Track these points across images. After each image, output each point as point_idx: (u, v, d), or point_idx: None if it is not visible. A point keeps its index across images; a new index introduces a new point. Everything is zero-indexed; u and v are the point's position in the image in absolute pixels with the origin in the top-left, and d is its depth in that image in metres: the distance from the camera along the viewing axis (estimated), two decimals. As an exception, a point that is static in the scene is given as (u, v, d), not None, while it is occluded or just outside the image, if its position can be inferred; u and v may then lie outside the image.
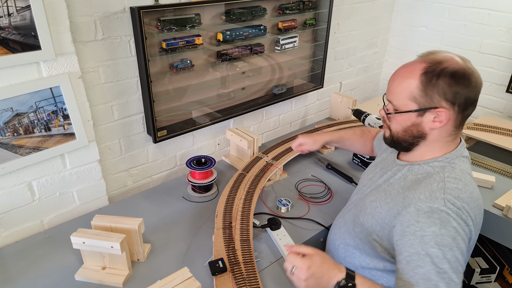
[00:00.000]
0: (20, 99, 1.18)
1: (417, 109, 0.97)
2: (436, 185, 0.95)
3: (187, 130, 1.71)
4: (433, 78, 0.93)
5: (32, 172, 1.31)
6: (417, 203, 0.94)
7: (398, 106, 1.00)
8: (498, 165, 1.77)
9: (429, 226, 0.90)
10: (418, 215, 0.92)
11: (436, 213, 0.90)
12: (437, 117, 0.96)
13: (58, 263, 1.22)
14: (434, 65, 0.94)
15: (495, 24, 2.19)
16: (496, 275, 1.78)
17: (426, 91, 0.94)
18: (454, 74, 0.92)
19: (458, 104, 0.94)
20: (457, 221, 0.90)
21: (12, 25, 1.09)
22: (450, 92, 0.92)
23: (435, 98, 0.94)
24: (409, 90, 0.96)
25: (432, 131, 0.99)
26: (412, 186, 0.99)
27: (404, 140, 1.04)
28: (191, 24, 1.53)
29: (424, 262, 0.88)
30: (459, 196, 0.93)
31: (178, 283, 0.93)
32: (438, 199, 0.92)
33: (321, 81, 2.22)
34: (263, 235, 1.35)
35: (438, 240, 0.88)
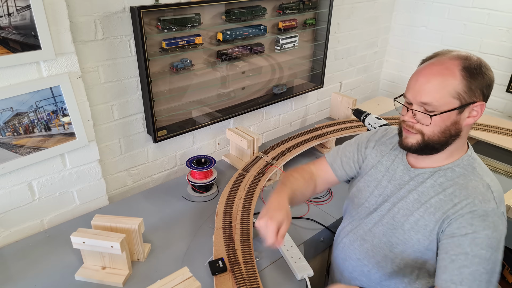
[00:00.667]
0: (20, 98, 1.18)
1: (460, 106, 0.93)
2: (482, 187, 0.96)
3: (187, 130, 1.71)
4: (473, 72, 0.92)
5: (32, 172, 1.31)
6: (472, 208, 0.93)
7: (438, 106, 0.93)
8: (498, 165, 1.77)
9: (483, 229, 0.90)
10: (472, 219, 0.92)
11: (491, 216, 0.91)
12: (472, 112, 0.95)
13: (58, 263, 1.22)
14: (466, 60, 0.93)
15: (495, 24, 2.19)
16: (496, 275, 1.78)
17: (470, 87, 0.92)
18: (487, 67, 0.94)
19: (487, 96, 0.95)
20: (503, 223, 0.93)
21: (12, 24, 1.09)
22: (486, 84, 0.93)
23: (477, 92, 0.93)
24: (452, 87, 0.92)
25: (465, 127, 0.98)
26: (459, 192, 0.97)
27: (438, 142, 0.98)
28: (191, 23, 1.53)
29: (472, 263, 0.89)
30: (499, 190, 0.97)
31: (178, 283, 0.93)
32: (490, 201, 0.93)
33: (321, 80, 2.22)
34: (263, 235, 1.35)
35: (489, 242, 0.89)
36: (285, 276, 1.18)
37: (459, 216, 0.94)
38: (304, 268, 1.18)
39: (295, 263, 1.20)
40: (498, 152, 1.87)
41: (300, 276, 1.16)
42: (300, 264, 1.19)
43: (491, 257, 0.89)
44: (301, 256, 1.23)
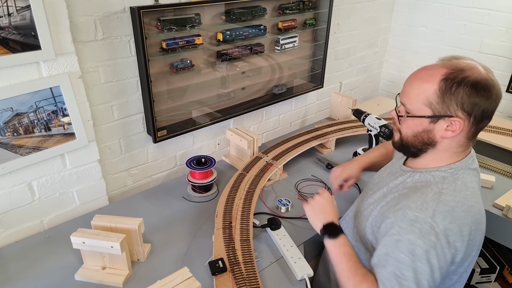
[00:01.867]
0: (20, 99, 1.18)
1: (430, 116, 0.93)
2: (431, 196, 0.92)
3: (187, 130, 1.71)
4: (453, 85, 0.88)
5: (32, 172, 1.31)
6: (406, 210, 0.92)
7: (411, 110, 0.96)
8: (498, 165, 1.77)
9: (407, 233, 0.89)
10: (402, 221, 0.91)
11: (419, 223, 0.88)
12: (450, 126, 0.92)
13: (58, 263, 1.22)
14: (456, 72, 0.89)
15: (495, 24, 2.19)
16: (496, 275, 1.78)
17: (444, 99, 0.90)
18: (476, 84, 0.87)
19: (474, 115, 0.89)
20: (438, 237, 0.87)
21: (12, 25, 1.09)
22: (469, 102, 0.88)
23: (452, 106, 0.89)
24: (425, 94, 0.92)
25: (443, 139, 0.95)
26: (408, 193, 0.97)
27: (413, 145, 1.00)
28: (191, 24, 1.53)
29: (390, 264, 0.90)
30: (454, 209, 0.90)
31: (178, 283, 0.93)
32: (428, 210, 0.89)
33: (321, 81, 2.22)
34: (263, 235, 1.35)
35: (411, 248, 0.87)
36: (285, 276, 1.18)
37: (392, 215, 0.94)
38: (304, 268, 1.18)
39: (295, 263, 1.20)
40: (498, 152, 1.87)
41: (300, 276, 1.16)
42: (300, 264, 1.19)
43: (412, 265, 0.86)
44: (301, 256, 1.23)
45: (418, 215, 0.89)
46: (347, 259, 1.01)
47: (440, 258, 0.87)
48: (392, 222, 0.93)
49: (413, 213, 0.90)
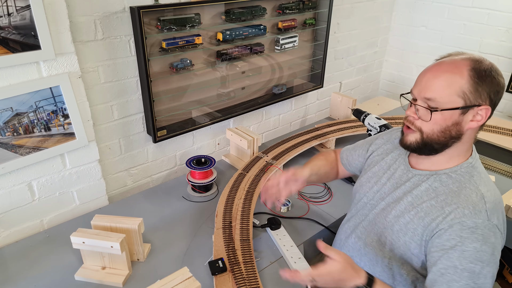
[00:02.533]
0: (20, 99, 1.18)
1: (463, 106, 0.91)
2: (475, 196, 0.93)
3: (187, 129, 1.71)
4: (483, 76, 0.90)
5: (32, 172, 1.31)
6: (461, 219, 0.90)
7: (441, 103, 0.92)
8: (498, 165, 1.77)
9: (471, 242, 0.88)
10: (461, 231, 0.90)
11: (480, 229, 0.88)
12: (476, 115, 0.92)
13: (58, 263, 1.22)
14: (478, 62, 0.91)
15: (495, 24, 2.19)
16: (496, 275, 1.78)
17: (477, 88, 0.90)
18: (497, 72, 0.91)
19: (495, 102, 0.93)
20: (495, 235, 0.89)
21: (12, 25, 1.09)
22: (494, 90, 0.91)
23: (484, 95, 0.90)
24: (459, 85, 0.90)
25: (467, 131, 0.95)
26: (449, 199, 0.95)
27: (437, 142, 0.96)
28: (191, 23, 1.53)
29: (461, 277, 0.87)
30: (495, 202, 0.93)
31: (178, 283, 0.93)
32: (481, 213, 0.90)
33: (321, 80, 2.22)
34: (263, 235, 1.35)
35: (478, 256, 0.87)
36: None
37: (448, 227, 0.91)
38: (304, 268, 1.18)
39: (295, 263, 1.20)
40: (498, 152, 1.87)
41: (300, 276, 1.16)
42: (300, 264, 1.19)
43: (482, 271, 0.86)
44: (301, 256, 1.23)
45: (477, 221, 0.89)
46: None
47: (499, 253, 0.91)
48: (450, 233, 0.91)
49: (471, 220, 0.90)
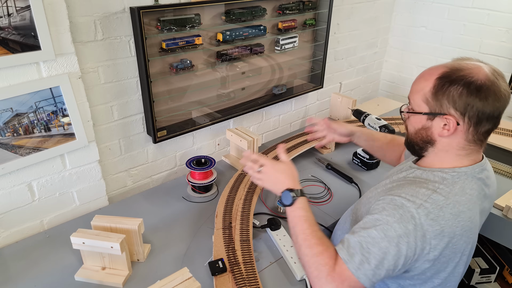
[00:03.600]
0: (20, 99, 1.18)
1: (427, 112, 0.96)
2: (424, 191, 0.92)
3: (187, 130, 1.71)
4: (445, 84, 0.91)
5: (32, 172, 1.31)
6: (395, 196, 0.93)
7: (413, 106, 1.00)
8: (498, 165, 1.77)
9: (388, 215, 0.91)
10: (388, 204, 0.93)
11: (403, 209, 0.90)
12: (446, 125, 0.93)
13: (58, 263, 1.22)
14: (453, 71, 0.92)
15: (495, 25, 2.19)
16: (496, 275, 1.78)
17: (437, 96, 0.93)
18: (469, 84, 0.88)
19: (469, 116, 0.90)
20: (416, 228, 0.88)
21: (12, 25, 1.09)
22: (461, 102, 0.89)
23: (444, 104, 0.92)
24: (424, 91, 0.95)
25: (441, 138, 0.96)
26: (404, 184, 0.98)
27: (415, 143, 1.02)
28: (191, 24, 1.53)
29: (360, 235, 0.92)
30: (442, 209, 0.90)
31: (178, 283, 0.93)
32: (415, 202, 0.90)
33: (321, 81, 2.22)
34: (263, 236, 1.35)
35: (385, 228, 0.90)
36: (285, 277, 1.18)
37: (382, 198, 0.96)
38: (304, 268, 1.18)
39: (295, 264, 1.20)
40: (498, 152, 1.87)
41: (300, 276, 1.16)
42: (300, 265, 1.19)
43: (380, 242, 0.89)
44: (301, 257, 1.23)
45: (405, 203, 0.91)
46: (303, 222, 1.04)
47: (410, 247, 0.89)
48: (380, 203, 0.96)
49: (401, 200, 0.92)
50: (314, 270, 0.96)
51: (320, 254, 0.96)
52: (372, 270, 0.89)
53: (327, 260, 0.95)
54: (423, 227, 0.88)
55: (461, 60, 0.96)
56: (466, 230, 0.93)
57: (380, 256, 0.89)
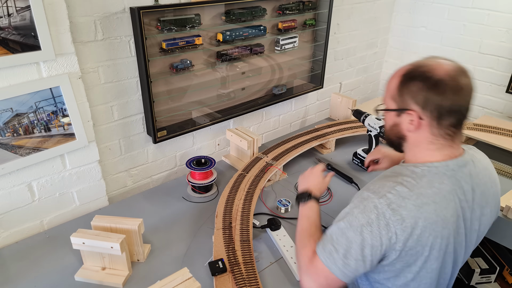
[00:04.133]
0: (20, 99, 1.18)
1: (393, 109, 1.02)
2: (390, 184, 0.95)
3: (187, 130, 1.71)
4: (407, 80, 0.97)
5: (32, 173, 1.31)
6: (364, 190, 0.99)
7: (386, 104, 1.06)
8: (498, 165, 1.77)
9: (354, 207, 0.97)
10: (357, 197, 0.99)
11: (367, 201, 0.95)
12: (413, 120, 0.97)
13: (58, 264, 1.22)
14: (415, 68, 0.97)
15: (495, 25, 2.19)
16: (496, 276, 1.78)
17: (401, 92, 0.98)
18: (428, 79, 0.93)
19: (430, 110, 0.94)
20: (378, 218, 0.92)
21: (12, 25, 1.09)
22: (420, 96, 0.94)
23: (407, 100, 0.97)
24: (391, 89, 1.01)
25: (410, 134, 1.01)
26: (378, 179, 1.01)
27: (391, 139, 1.09)
28: (191, 24, 1.53)
29: (332, 229, 1.00)
30: (404, 200, 0.92)
31: (178, 284, 0.93)
32: (379, 193, 0.94)
33: (321, 81, 2.22)
34: (263, 236, 1.35)
35: (350, 218, 0.96)
36: (285, 277, 1.18)
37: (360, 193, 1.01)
38: (304, 268, 1.18)
39: (295, 264, 1.20)
40: (498, 153, 1.87)
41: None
42: (300, 265, 1.19)
43: (345, 232, 0.95)
44: (301, 257, 1.23)
45: (370, 195, 0.96)
46: (305, 220, 1.14)
47: (374, 236, 0.92)
48: (353, 198, 1.02)
49: (367, 193, 0.97)
50: (299, 261, 1.06)
51: (304, 247, 1.05)
52: (341, 259, 0.94)
53: (308, 253, 1.02)
54: (385, 216, 0.92)
55: (429, 58, 0.98)
56: (431, 222, 0.93)
57: (346, 245, 0.94)
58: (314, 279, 0.98)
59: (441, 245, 0.97)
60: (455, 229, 0.99)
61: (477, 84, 2.37)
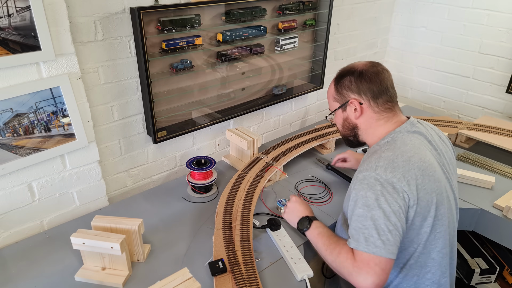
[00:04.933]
0: (20, 99, 1.18)
1: (339, 106, 1.23)
2: (375, 157, 1.08)
3: (187, 130, 1.71)
4: (340, 80, 1.21)
5: (32, 173, 1.31)
6: (357, 174, 1.09)
7: (330, 108, 1.28)
8: (498, 166, 1.77)
9: (359, 190, 1.05)
10: (355, 184, 1.08)
11: (366, 179, 1.04)
12: (356, 108, 1.17)
13: (58, 264, 1.22)
14: (342, 70, 1.23)
15: (495, 25, 2.19)
16: (496, 276, 1.78)
17: (339, 90, 1.22)
18: (353, 72, 1.18)
19: (364, 94, 1.16)
20: (383, 186, 1.01)
21: (12, 25, 1.09)
22: (353, 87, 1.17)
23: (344, 94, 1.20)
24: (331, 93, 1.26)
25: (358, 120, 1.20)
26: (361, 164, 1.13)
27: (347, 135, 1.27)
28: (191, 24, 1.53)
29: (353, 221, 1.05)
30: (394, 160, 1.04)
31: (178, 284, 0.94)
32: (371, 167, 1.05)
33: (321, 81, 2.22)
34: (263, 236, 1.35)
35: (364, 201, 1.03)
36: (285, 277, 1.18)
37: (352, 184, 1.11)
38: (304, 269, 1.18)
39: (295, 264, 1.20)
40: (498, 153, 1.87)
41: (300, 277, 1.16)
42: (300, 265, 1.19)
43: (368, 214, 1.01)
44: (301, 257, 1.23)
45: (365, 174, 1.05)
46: (321, 236, 1.18)
47: (390, 203, 1.00)
48: (352, 189, 1.10)
49: (362, 174, 1.07)
50: (342, 269, 1.05)
51: (339, 254, 1.07)
52: (378, 239, 0.99)
53: (346, 255, 1.05)
54: (388, 180, 1.02)
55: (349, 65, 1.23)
56: (423, 169, 1.06)
57: (375, 225, 1.00)
58: (368, 271, 0.99)
59: (440, 188, 1.09)
60: (442, 174, 1.13)
61: (477, 84, 2.37)
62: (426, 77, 2.61)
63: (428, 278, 1.13)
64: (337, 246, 1.10)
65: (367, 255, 0.99)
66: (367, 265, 0.99)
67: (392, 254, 0.99)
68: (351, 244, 1.03)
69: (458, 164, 1.79)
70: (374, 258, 0.98)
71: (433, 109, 2.64)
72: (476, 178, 1.63)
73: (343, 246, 1.08)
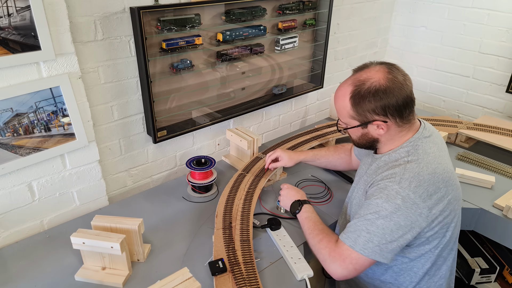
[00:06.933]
0: (20, 99, 1.18)
1: (359, 124, 1.12)
2: (399, 168, 1.06)
3: (187, 130, 1.71)
4: (359, 100, 1.07)
5: (32, 173, 1.31)
6: (379, 182, 1.07)
7: (346, 123, 1.16)
8: (498, 165, 1.77)
9: (376, 198, 1.05)
10: (375, 190, 1.07)
11: (387, 190, 1.03)
12: (378, 126, 1.09)
13: (58, 264, 1.22)
14: (359, 87, 1.07)
15: (495, 24, 2.19)
16: (496, 275, 1.78)
17: (358, 111, 1.09)
18: (376, 92, 1.04)
19: (390, 112, 1.06)
20: (404, 200, 1.01)
21: (12, 25, 1.09)
22: (377, 108, 1.06)
23: (367, 115, 1.08)
24: (346, 111, 1.11)
25: (380, 136, 1.13)
26: (381, 170, 1.11)
27: (364, 145, 1.19)
28: (191, 24, 1.53)
29: (359, 221, 1.06)
30: (419, 173, 1.03)
31: (178, 283, 0.94)
32: (395, 178, 1.04)
33: (321, 81, 2.22)
34: (263, 235, 1.35)
35: (377, 209, 1.03)
36: (285, 277, 1.18)
37: (370, 188, 1.11)
38: (304, 268, 1.19)
39: (295, 264, 1.20)
40: (498, 152, 1.87)
41: (300, 276, 1.16)
42: (300, 265, 1.20)
43: (376, 222, 1.02)
44: (301, 257, 1.23)
45: (387, 184, 1.04)
46: (308, 221, 1.25)
47: (406, 218, 1.01)
48: (369, 193, 1.10)
49: (384, 183, 1.05)
50: (319, 254, 1.14)
51: (321, 241, 1.15)
52: (377, 246, 1.02)
53: (326, 243, 1.12)
54: (410, 196, 1.01)
55: (361, 71, 1.11)
56: (447, 180, 1.07)
57: (381, 232, 1.01)
58: (340, 264, 1.06)
59: (460, 194, 1.13)
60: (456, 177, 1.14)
61: (477, 84, 2.37)
62: (426, 77, 2.61)
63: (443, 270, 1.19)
64: (320, 233, 1.18)
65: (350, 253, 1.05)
66: (343, 260, 1.06)
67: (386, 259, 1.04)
68: (346, 240, 1.07)
69: (458, 164, 1.80)
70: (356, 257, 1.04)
71: (433, 108, 2.64)
72: (476, 177, 1.63)
73: (326, 235, 1.16)
